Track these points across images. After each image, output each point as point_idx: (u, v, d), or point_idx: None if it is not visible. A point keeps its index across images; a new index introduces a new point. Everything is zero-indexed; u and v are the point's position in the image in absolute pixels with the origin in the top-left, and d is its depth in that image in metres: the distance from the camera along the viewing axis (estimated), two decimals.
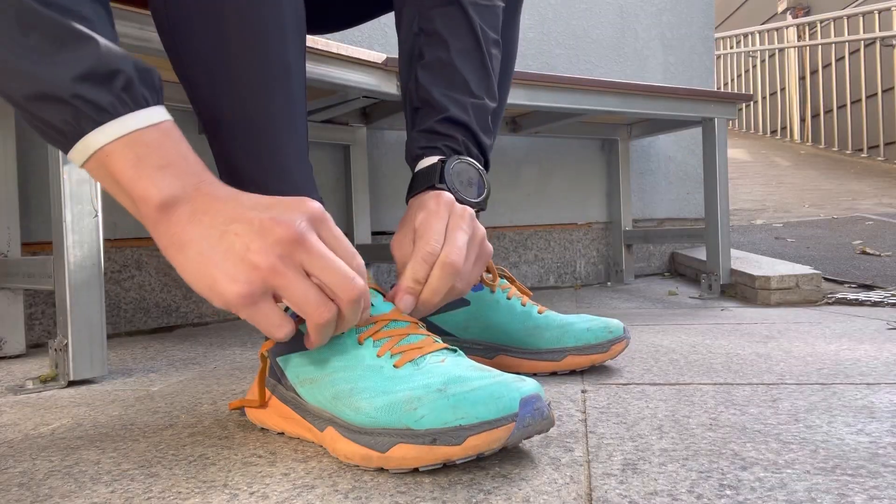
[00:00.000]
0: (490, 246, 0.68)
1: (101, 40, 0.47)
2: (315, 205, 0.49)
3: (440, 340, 0.57)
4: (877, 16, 5.34)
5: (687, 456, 0.51)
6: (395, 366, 0.52)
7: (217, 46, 0.58)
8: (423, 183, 0.70)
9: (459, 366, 0.52)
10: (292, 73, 0.61)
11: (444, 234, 0.62)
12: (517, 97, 1.44)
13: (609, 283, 2.11)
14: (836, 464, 0.49)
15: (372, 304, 0.57)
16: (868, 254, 2.29)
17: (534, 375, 0.80)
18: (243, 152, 0.60)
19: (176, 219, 0.47)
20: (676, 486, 0.45)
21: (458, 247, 0.62)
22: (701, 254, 2.03)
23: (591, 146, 2.15)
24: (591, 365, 0.81)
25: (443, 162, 0.70)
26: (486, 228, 0.68)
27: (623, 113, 1.64)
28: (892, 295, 1.58)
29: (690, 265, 2.13)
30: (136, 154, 0.46)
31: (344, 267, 0.48)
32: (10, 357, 1.10)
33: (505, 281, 0.85)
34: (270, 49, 0.59)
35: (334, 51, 1.12)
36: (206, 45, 0.58)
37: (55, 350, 0.87)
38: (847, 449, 0.52)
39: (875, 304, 1.50)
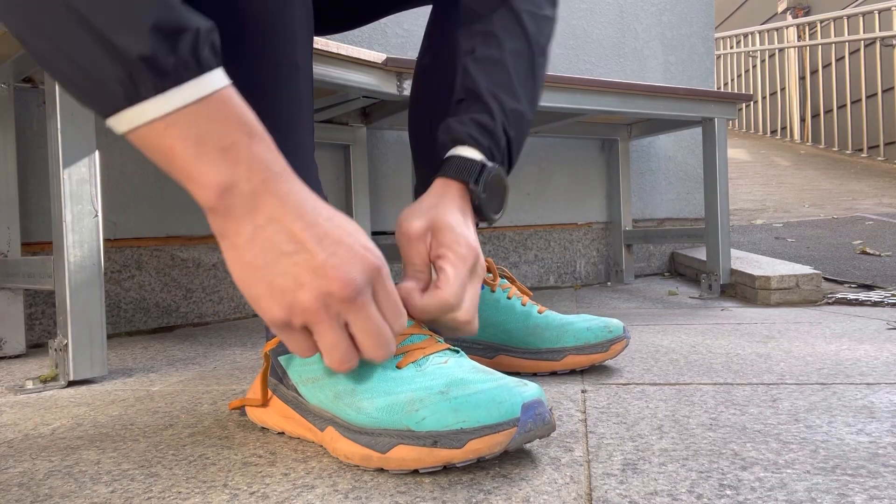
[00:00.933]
0: (484, 269, 0.66)
1: None
2: (377, 259, 0.47)
3: (442, 341, 0.57)
4: (877, 16, 5.34)
5: (687, 456, 0.51)
6: (397, 366, 0.52)
7: (224, 46, 0.58)
8: (459, 172, 0.66)
9: (462, 368, 0.52)
10: (300, 73, 0.61)
11: (465, 286, 0.60)
12: None
13: (609, 283, 2.11)
14: (836, 464, 0.49)
15: None
16: (868, 254, 2.30)
17: (534, 375, 0.80)
18: None
19: (234, 211, 0.43)
20: (676, 486, 0.45)
21: (473, 311, 0.61)
22: (701, 254, 2.03)
23: (591, 146, 2.15)
24: (591, 364, 0.81)
25: (484, 164, 0.67)
26: (485, 228, 0.68)
27: (623, 113, 1.64)
28: (892, 295, 1.58)
29: (690, 265, 2.13)
30: (198, 130, 0.41)
31: (384, 333, 0.48)
32: (10, 357, 1.10)
33: (505, 281, 0.85)
34: (279, 49, 0.59)
35: (334, 51, 1.12)
36: None
37: (55, 350, 0.87)
38: (847, 449, 0.52)
39: (875, 304, 1.51)
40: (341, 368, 0.48)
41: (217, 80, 0.43)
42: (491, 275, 0.83)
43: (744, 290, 1.72)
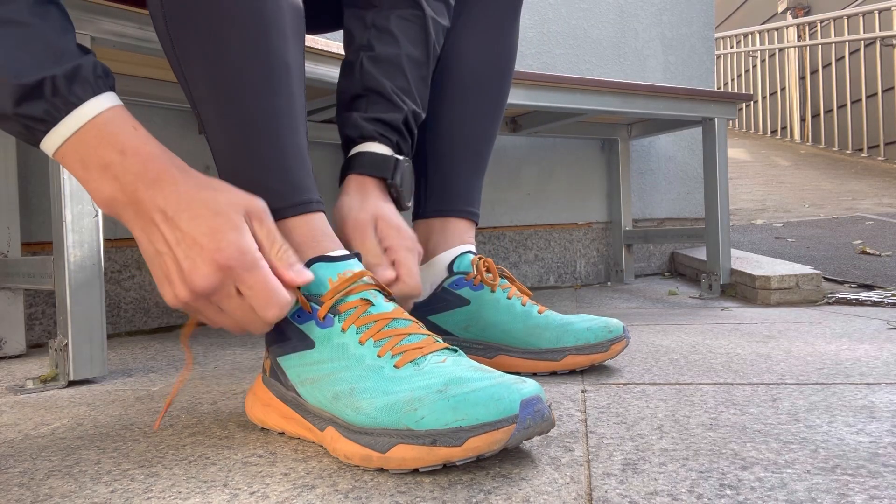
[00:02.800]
0: (418, 246, 0.73)
1: (24, 45, 0.49)
2: (229, 250, 0.51)
3: (441, 340, 0.57)
4: (877, 16, 5.34)
5: (687, 456, 0.51)
6: (395, 366, 0.52)
7: (216, 46, 0.58)
8: (374, 169, 0.72)
9: (460, 366, 0.52)
10: (292, 73, 0.61)
11: (418, 271, 0.70)
12: (517, 97, 1.43)
13: (609, 283, 2.11)
14: (837, 464, 0.49)
15: (373, 304, 0.57)
16: (868, 253, 2.29)
17: (533, 375, 0.80)
18: (243, 152, 0.60)
19: (125, 218, 0.52)
20: (676, 486, 0.45)
21: (417, 279, 0.70)
22: (701, 254, 2.03)
23: (591, 146, 2.15)
24: (591, 364, 0.81)
25: (396, 159, 0.73)
26: (486, 228, 0.71)
27: (623, 113, 1.64)
28: (892, 295, 1.58)
29: (690, 265, 2.13)
30: (80, 157, 0.50)
31: (256, 309, 0.52)
32: (10, 357, 1.10)
33: (505, 281, 0.85)
34: (270, 48, 0.59)
35: (334, 51, 1.12)
36: (205, 45, 0.58)
37: (55, 350, 0.87)
38: (847, 449, 0.52)
39: (875, 303, 1.50)
40: (236, 333, 0.56)
41: (88, 111, 0.50)
42: (491, 275, 0.83)
43: (744, 290, 1.72)
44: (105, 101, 0.51)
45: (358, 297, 0.57)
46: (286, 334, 0.58)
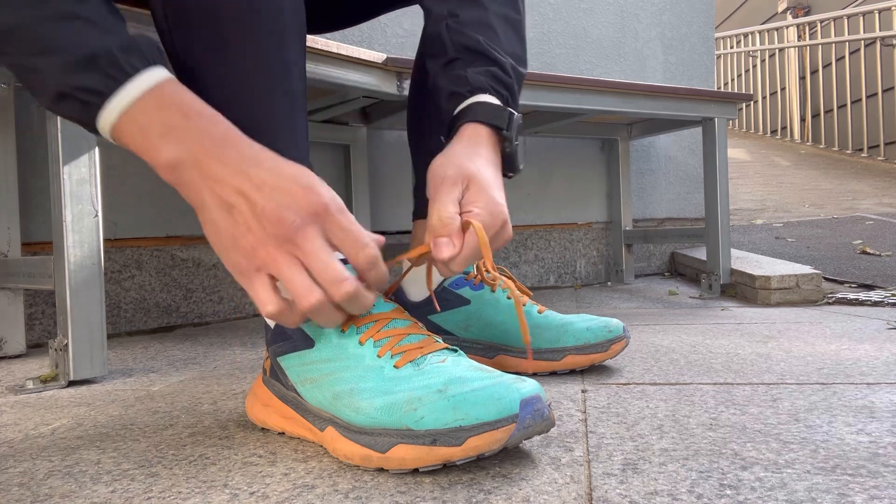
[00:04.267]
0: (509, 231, 0.63)
1: (76, 26, 0.49)
2: (319, 197, 0.49)
3: (440, 340, 0.57)
4: (877, 16, 5.34)
5: (687, 456, 0.51)
6: (395, 366, 0.52)
7: (216, 47, 0.58)
8: (491, 117, 0.64)
9: (460, 366, 0.52)
10: (292, 73, 0.61)
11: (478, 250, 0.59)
12: None
13: (609, 283, 2.11)
14: (837, 463, 0.49)
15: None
16: (868, 253, 2.29)
17: (533, 375, 0.80)
18: None
19: (188, 180, 0.49)
20: (677, 486, 0.45)
21: (469, 260, 0.59)
22: (701, 254, 2.03)
23: (591, 146, 2.15)
24: (591, 364, 0.81)
25: (510, 111, 0.65)
26: None
27: (623, 113, 1.64)
28: (893, 295, 1.58)
29: (690, 265, 2.13)
30: (139, 125, 0.49)
31: (330, 268, 0.48)
32: (10, 357, 1.10)
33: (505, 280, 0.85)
34: (270, 48, 0.59)
35: (334, 51, 1.12)
36: (206, 45, 0.58)
37: (55, 350, 0.87)
38: (847, 449, 0.52)
39: (875, 303, 1.50)
40: (307, 304, 0.48)
41: (147, 79, 0.49)
42: (491, 274, 0.83)
43: (744, 289, 1.72)
44: (162, 72, 0.50)
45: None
46: (287, 333, 0.58)
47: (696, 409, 0.65)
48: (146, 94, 0.49)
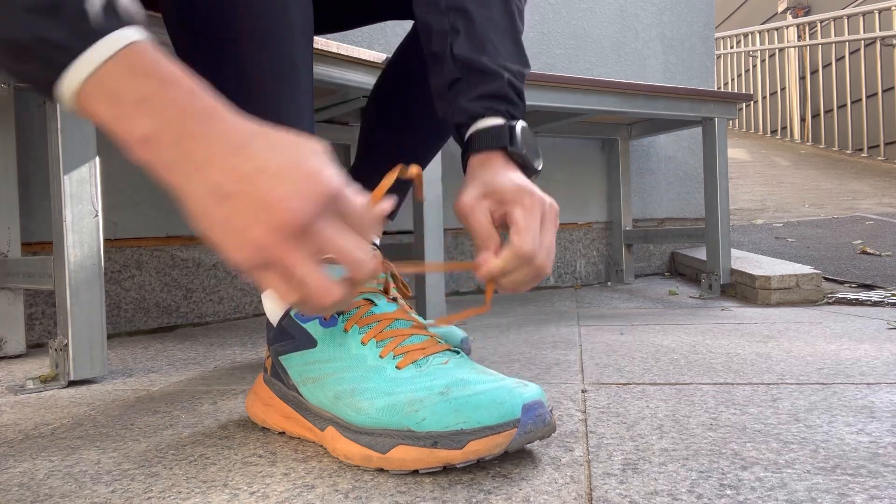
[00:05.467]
0: (556, 214, 0.64)
1: None
2: (328, 180, 0.43)
3: (443, 342, 0.57)
4: (877, 16, 5.34)
5: (687, 456, 0.51)
6: (397, 367, 0.52)
7: (225, 44, 0.58)
8: (492, 142, 0.66)
9: (462, 368, 0.52)
10: (299, 71, 0.61)
11: (538, 233, 0.59)
12: None
13: (609, 283, 2.11)
14: (837, 463, 0.49)
15: (375, 304, 0.57)
16: (868, 253, 2.29)
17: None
18: None
19: (169, 164, 0.43)
20: (677, 486, 0.45)
21: (551, 256, 0.60)
22: (701, 254, 2.03)
23: (591, 146, 2.15)
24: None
25: (511, 125, 0.67)
26: None
27: (623, 113, 1.64)
28: (893, 295, 1.58)
29: (690, 265, 2.13)
30: (108, 92, 0.42)
31: (355, 250, 0.44)
32: (11, 357, 1.10)
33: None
34: (278, 48, 0.59)
35: (334, 51, 1.12)
36: (215, 42, 0.58)
37: (55, 350, 0.87)
38: (847, 449, 0.52)
39: (875, 303, 1.50)
40: (324, 301, 0.43)
41: (119, 37, 0.42)
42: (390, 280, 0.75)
43: (744, 289, 1.72)
44: (138, 33, 0.43)
45: (361, 298, 0.57)
46: (289, 332, 0.58)
47: (696, 409, 0.65)
48: (118, 55, 0.41)
